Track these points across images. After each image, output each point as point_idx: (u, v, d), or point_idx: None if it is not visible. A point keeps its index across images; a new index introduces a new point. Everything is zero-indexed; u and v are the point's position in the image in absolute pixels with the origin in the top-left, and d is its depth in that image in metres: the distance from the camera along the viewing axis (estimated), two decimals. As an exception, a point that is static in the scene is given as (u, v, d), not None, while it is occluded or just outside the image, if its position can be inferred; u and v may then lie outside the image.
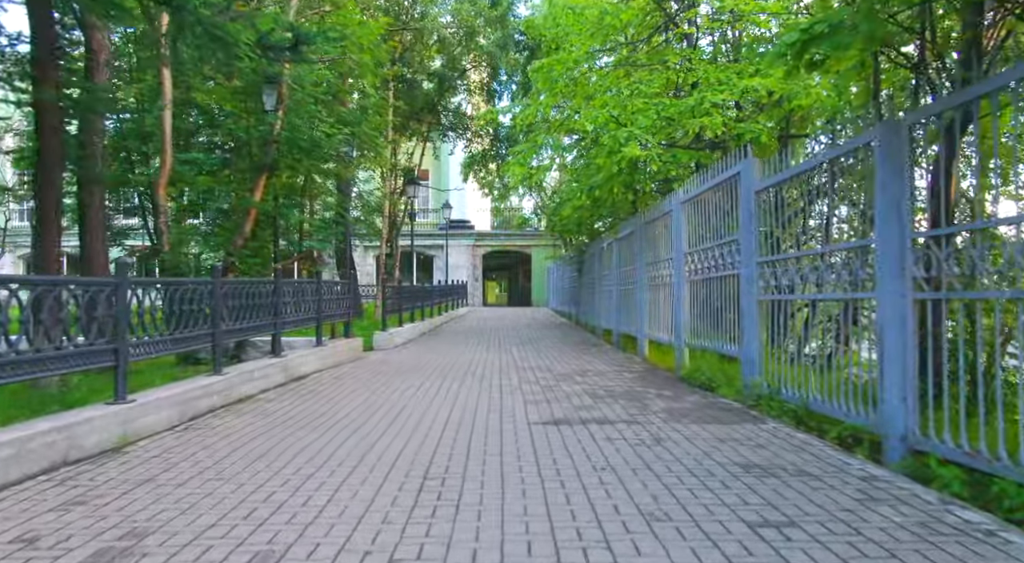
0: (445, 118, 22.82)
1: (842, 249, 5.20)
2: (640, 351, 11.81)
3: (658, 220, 10.62)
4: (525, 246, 38.64)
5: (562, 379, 8.70)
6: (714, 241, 8.07)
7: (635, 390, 7.72)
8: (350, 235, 14.39)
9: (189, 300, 6.19)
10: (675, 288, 9.52)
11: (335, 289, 10.66)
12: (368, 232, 22.62)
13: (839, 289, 5.10)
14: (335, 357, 9.94)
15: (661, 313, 10.54)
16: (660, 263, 10.56)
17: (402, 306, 15.31)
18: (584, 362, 10.90)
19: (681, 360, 9.21)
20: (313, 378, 8.57)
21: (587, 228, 17.58)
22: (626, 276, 13.32)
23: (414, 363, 10.63)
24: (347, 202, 20.42)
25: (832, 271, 5.24)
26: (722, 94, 9.93)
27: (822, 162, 5.26)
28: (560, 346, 13.99)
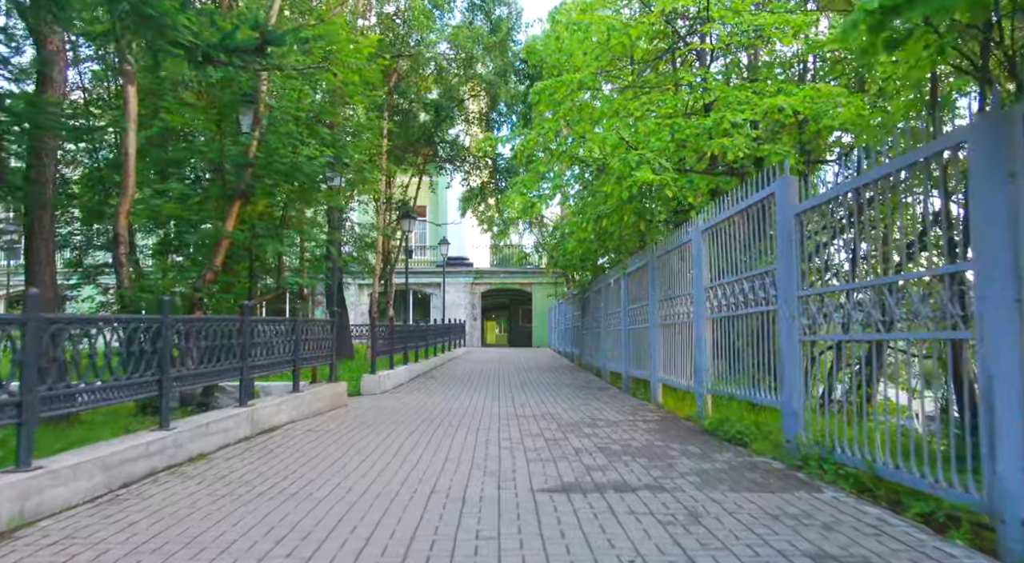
0: (442, 150, 22.15)
1: (924, 276, 4.29)
2: (653, 396, 10.84)
3: (673, 252, 9.75)
4: (526, 284, 37.76)
5: (569, 430, 7.72)
6: (741, 273, 7.18)
7: (654, 445, 6.75)
8: (337, 270, 13.50)
9: (128, 340, 5.26)
10: (694, 327, 8.61)
11: (317, 328, 9.74)
12: (361, 269, 21.78)
13: (919, 327, 4.18)
14: (314, 405, 8.97)
15: (678, 355, 9.61)
16: (676, 300, 9.66)
17: (394, 347, 14.36)
18: (592, 409, 9.92)
19: (703, 409, 8.25)
20: (284, 431, 7.59)
21: (592, 264, 16.71)
22: (636, 314, 12.41)
23: (403, 411, 9.65)
24: (336, 235, 19.63)
25: (904, 304, 4.33)
26: (743, 113, 9.14)
27: (900, 168, 4.37)
28: (564, 391, 13.00)
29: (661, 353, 10.69)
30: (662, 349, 10.64)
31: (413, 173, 22.09)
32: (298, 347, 8.81)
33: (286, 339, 8.53)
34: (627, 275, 13.21)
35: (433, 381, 15.12)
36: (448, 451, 6.41)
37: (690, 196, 9.42)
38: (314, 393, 9.08)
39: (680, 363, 9.52)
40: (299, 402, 8.47)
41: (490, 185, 23.32)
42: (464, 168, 22.88)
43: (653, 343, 10.90)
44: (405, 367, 15.12)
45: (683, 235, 9.19)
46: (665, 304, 10.35)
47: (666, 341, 10.33)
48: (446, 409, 9.95)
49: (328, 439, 7.07)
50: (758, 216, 6.80)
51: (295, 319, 8.72)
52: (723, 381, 7.78)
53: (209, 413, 6.65)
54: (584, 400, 11.31)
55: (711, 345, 8.28)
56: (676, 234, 9.74)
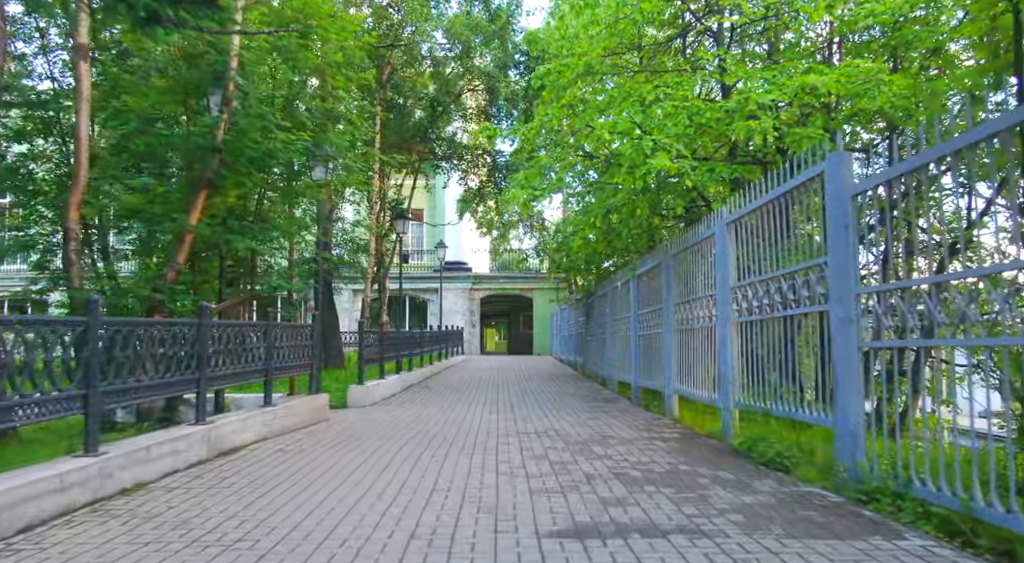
0: (438, 148, 21.22)
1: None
2: (668, 410, 9.90)
3: (692, 249, 8.82)
4: (526, 289, 36.80)
5: (578, 451, 6.78)
6: (777, 270, 6.26)
7: (680, 469, 5.80)
8: (323, 272, 12.58)
9: (44, 346, 4.33)
10: (718, 332, 7.67)
11: (294, 334, 8.80)
12: (353, 273, 20.86)
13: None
14: (289, 420, 8.03)
15: (697, 364, 8.67)
16: (695, 302, 8.73)
17: (385, 355, 13.42)
18: (601, 424, 8.98)
19: (730, 425, 7.30)
20: (249, 452, 6.63)
21: (596, 266, 15.78)
22: (647, 319, 11.47)
23: (390, 427, 8.71)
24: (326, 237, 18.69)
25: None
26: (770, 94, 8.23)
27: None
28: (569, 402, 12.05)
29: (677, 362, 9.76)
30: (678, 357, 9.71)
31: (407, 172, 21.17)
32: (271, 355, 7.87)
33: (256, 346, 7.59)
34: (637, 277, 12.28)
35: (428, 391, 14.17)
36: (437, 478, 5.46)
37: (711, 186, 8.50)
38: (289, 407, 8.14)
39: (700, 373, 8.58)
40: (270, 417, 7.53)
41: (489, 184, 22.39)
42: (461, 167, 21.94)
43: (668, 351, 9.96)
44: (397, 377, 14.18)
45: (704, 229, 8.26)
46: (682, 307, 9.42)
47: (683, 349, 9.40)
48: (439, 424, 9.00)
49: (298, 463, 6.12)
50: (801, 200, 5.89)
51: (267, 323, 7.79)
52: (754, 394, 6.83)
53: (153, 434, 5.71)
54: (591, 413, 10.36)
55: (738, 353, 7.35)
56: (695, 229, 8.82)
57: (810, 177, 5.57)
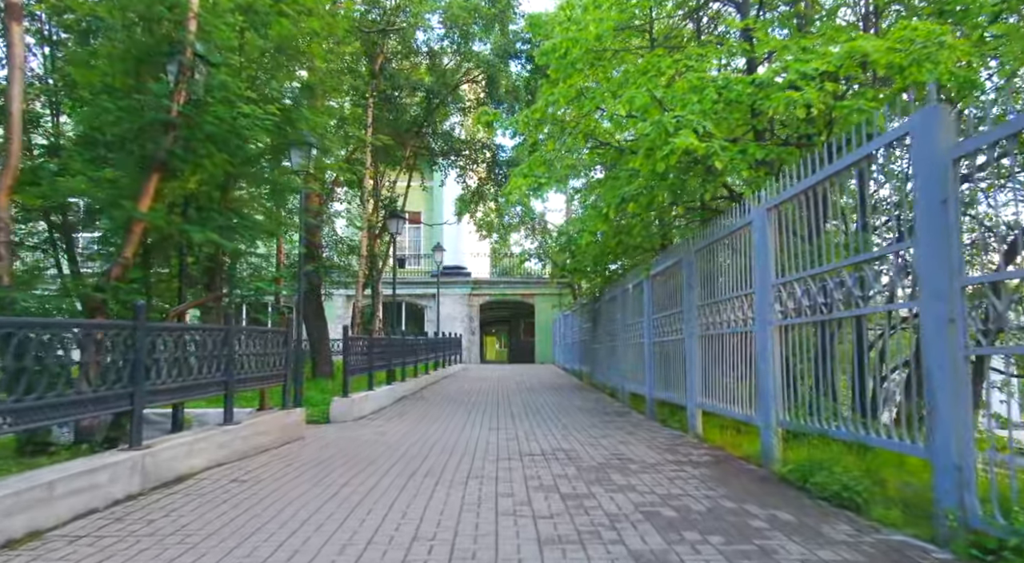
0: (434, 142, 20.16)
1: None
2: (691, 426, 8.83)
3: (721, 242, 7.76)
4: (527, 295, 35.67)
5: (594, 479, 5.70)
6: (836, 261, 5.19)
7: (723, 507, 4.72)
8: (304, 274, 11.53)
9: None
10: (757, 338, 6.60)
11: (264, 341, 7.73)
12: (344, 276, 19.79)
13: None
14: (253, 440, 6.96)
15: (727, 374, 7.60)
16: (725, 304, 7.66)
17: (374, 364, 12.34)
18: (616, 443, 7.90)
19: (772, 448, 6.22)
20: (195, 483, 5.55)
21: (604, 268, 14.70)
22: (664, 324, 10.40)
23: (374, 448, 7.63)
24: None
25: None
26: (811, 62, 7.18)
27: None
28: (577, 417, 10.96)
29: (701, 372, 8.70)
30: (702, 367, 8.65)
31: (401, 170, 20.06)
32: (233, 364, 6.80)
33: (214, 354, 6.52)
34: (652, 277, 11.23)
35: (422, 404, 13.09)
36: (420, 522, 4.38)
37: (743, 169, 7.43)
38: (254, 425, 7.06)
39: (731, 385, 7.51)
40: (228, 438, 6.45)
41: (489, 182, 21.30)
42: (459, 163, 20.84)
43: (690, 359, 8.90)
44: (387, 388, 13.10)
45: (737, 218, 7.20)
46: (707, 310, 8.36)
47: (708, 357, 8.34)
48: (431, 444, 7.92)
49: (250, 499, 5.03)
50: (869, 175, 4.84)
51: (227, 327, 6.72)
52: (804, 411, 5.75)
53: (65, 464, 4.62)
54: (603, 429, 9.28)
55: (780, 362, 6.29)
56: (724, 219, 7.76)
57: (888, 142, 4.51)
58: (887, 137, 4.49)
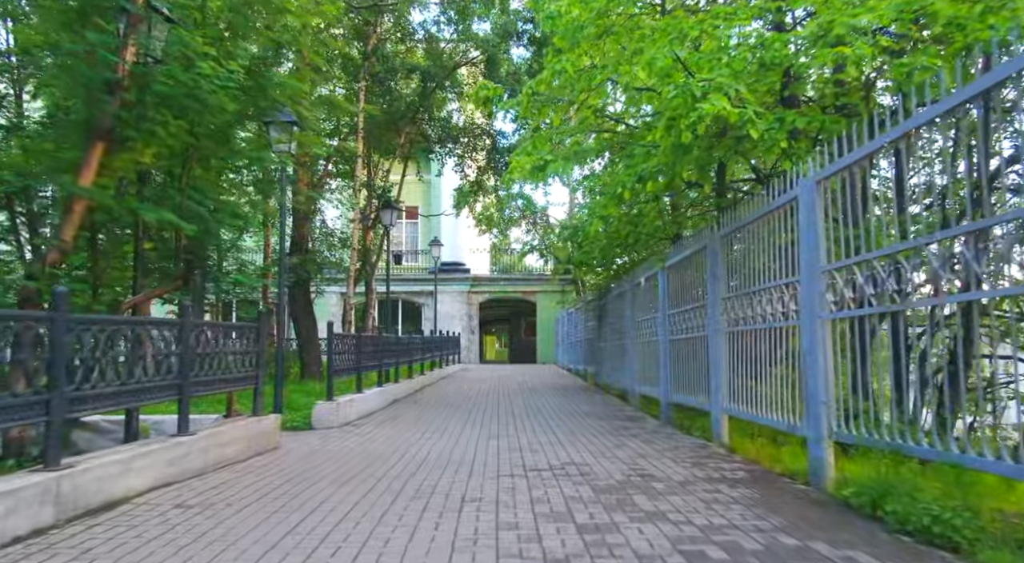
0: (431, 129, 19.18)
1: None
2: (716, 434, 7.90)
3: (755, 225, 6.82)
4: (529, 293, 34.68)
5: (615, 503, 4.76)
6: (919, 238, 4.25)
7: (784, 545, 3.78)
8: (284, 266, 10.61)
9: None
10: (803, 333, 5.67)
11: (231, 337, 6.80)
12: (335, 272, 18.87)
13: None
14: (213, 453, 6.02)
15: (763, 376, 6.67)
16: (759, 295, 6.73)
17: (362, 364, 11.40)
18: (634, 454, 6.97)
19: (824, 464, 5.28)
20: (130, 510, 4.61)
21: (612, 260, 13.75)
22: (683, 320, 9.47)
23: (356, 461, 6.70)
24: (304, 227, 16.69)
25: None
26: (860, 15, 6.24)
27: None
28: (585, 422, 10.03)
29: (728, 374, 7.78)
30: (730, 367, 7.73)
31: (396, 159, 19.05)
32: (188, 364, 5.86)
33: (164, 352, 5.58)
34: (667, 269, 10.30)
35: (415, 408, 12.16)
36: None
37: (781, 140, 6.48)
38: (215, 435, 6.12)
39: (767, 389, 6.57)
40: (180, 452, 5.51)
41: (489, 171, 20.32)
42: (457, 151, 19.84)
43: (715, 359, 7.96)
44: (378, 390, 12.16)
45: (775, 196, 6.25)
46: (736, 303, 7.42)
47: (738, 356, 7.41)
48: (422, 455, 6.99)
49: (190, 533, 4.08)
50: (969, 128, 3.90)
51: (182, 321, 5.78)
52: (869, 423, 4.81)
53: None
54: (616, 437, 8.35)
55: (832, 363, 5.36)
56: (758, 198, 6.81)
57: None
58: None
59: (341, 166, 19.05)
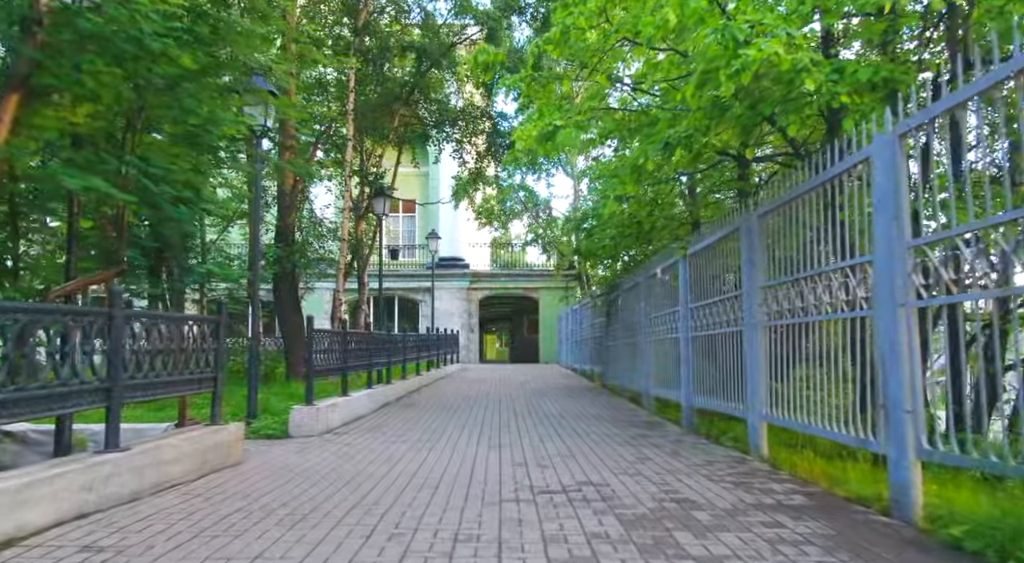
0: (426, 111, 18.09)
1: None
2: (753, 445, 6.84)
3: (805, 199, 5.76)
4: (531, 289, 33.59)
5: (651, 545, 3.70)
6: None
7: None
8: (258, 251, 9.57)
9: None
10: (878, 326, 4.61)
11: (179, 332, 5.73)
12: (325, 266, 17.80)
13: None
14: (153, 473, 4.97)
15: (819, 380, 5.61)
16: (812, 281, 5.66)
17: (348, 363, 10.34)
18: (662, 471, 5.90)
19: (910, 491, 4.22)
20: (14, 556, 3.55)
21: (626, 249, 12.69)
22: (710, 314, 8.42)
23: (329, 481, 5.64)
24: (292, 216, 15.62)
25: None
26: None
27: None
28: (598, 429, 8.97)
29: (767, 375, 6.72)
30: (770, 368, 6.67)
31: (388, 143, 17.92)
32: (120, 364, 4.80)
33: (86, 350, 4.52)
34: (690, 257, 9.24)
35: (408, 412, 11.10)
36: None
37: (842, 93, 5.41)
38: (155, 450, 5.06)
39: (823, 394, 5.51)
40: (103, 473, 4.44)
41: (488, 156, 19.22)
42: (455, 135, 18.70)
43: (752, 358, 6.91)
44: (367, 392, 11.09)
45: (836, 160, 5.18)
46: (780, 292, 6.37)
47: (781, 354, 6.36)
48: (410, 472, 5.93)
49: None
50: None
51: (111, 310, 4.72)
52: (990, 444, 3.75)
53: None
54: (636, 448, 7.30)
55: (919, 362, 4.30)
56: (811, 165, 5.74)
57: None
58: None
59: (333, 154, 18.02)
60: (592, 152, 26.40)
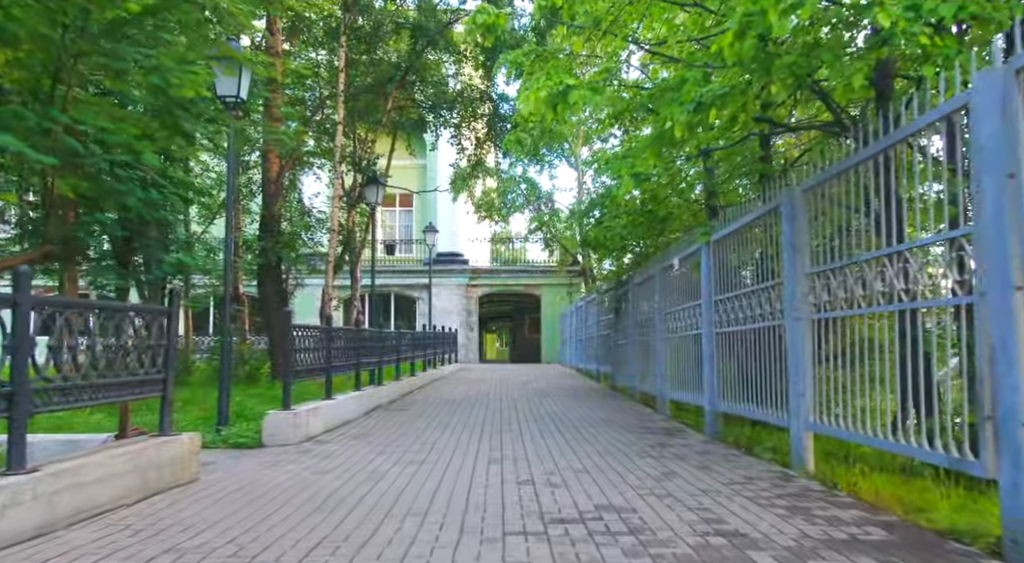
0: (423, 94, 17.10)
1: None
2: (796, 457, 5.91)
3: (867, 164, 4.80)
4: (532, 286, 32.60)
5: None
6: None
7: None
8: (230, 240, 8.64)
9: None
10: (992, 316, 3.66)
11: (115, 326, 4.78)
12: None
13: None
14: (72, 499, 4.05)
15: (885, 382, 4.66)
16: (879, 264, 4.71)
17: (333, 364, 9.39)
18: (694, 490, 4.96)
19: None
20: None
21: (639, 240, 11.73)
22: (740, 307, 7.49)
23: (296, 508, 4.69)
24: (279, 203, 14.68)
25: None
26: None
27: None
28: (612, 437, 8.02)
29: (813, 376, 5.80)
30: (819, 368, 5.74)
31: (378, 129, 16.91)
32: (22, 366, 3.85)
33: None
34: (714, 244, 8.31)
35: (400, 418, 10.15)
36: None
37: (921, 34, 4.45)
38: (73, 472, 4.11)
39: (893, 402, 4.56)
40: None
41: (488, 142, 18.25)
42: (453, 119, 17.69)
43: (795, 356, 5.97)
44: (354, 395, 10.14)
45: (922, 111, 4.22)
46: (833, 279, 5.42)
47: (830, 353, 5.43)
48: (395, 493, 4.99)
49: None
50: None
51: (13, 296, 3.79)
52: None
53: None
54: (659, 460, 6.36)
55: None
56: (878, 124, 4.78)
57: None
58: None
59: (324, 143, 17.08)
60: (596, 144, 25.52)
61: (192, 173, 14.51)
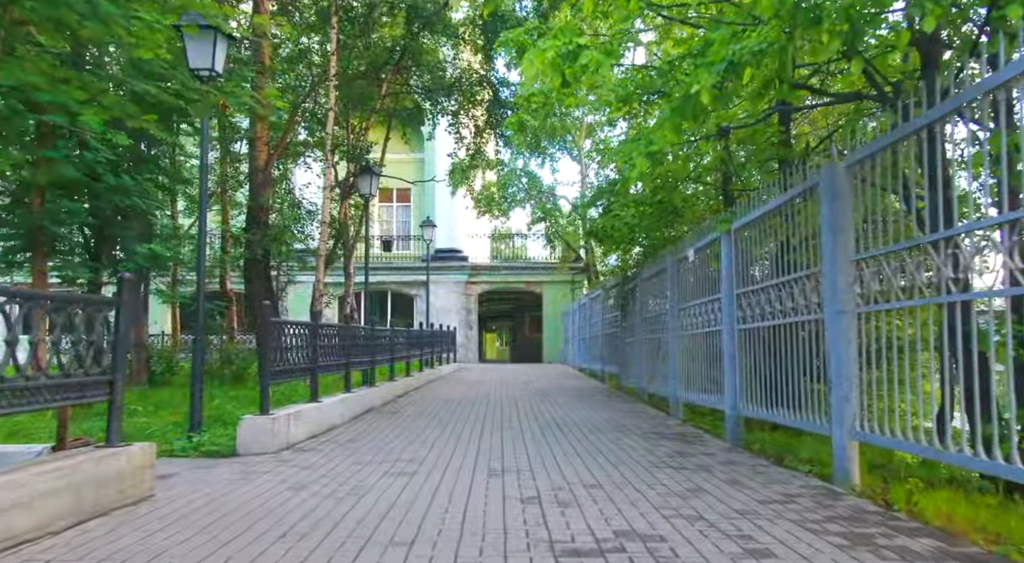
0: (419, 79, 16.38)
1: None
2: (840, 470, 5.21)
3: (943, 122, 4.10)
4: (533, 283, 31.85)
5: None
6: None
7: None
8: (203, 228, 7.95)
9: None
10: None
11: (49, 320, 4.09)
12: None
13: None
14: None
15: (952, 387, 3.97)
16: (950, 245, 4.01)
17: (318, 363, 8.68)
18: (727, 510, 4.26)
19: None
20: None
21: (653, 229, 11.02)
22: (767, 301, 6.80)
23: (261, 535, 3.99)
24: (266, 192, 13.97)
25: None
26: None
27: None
28: (624, 444, 7.31)
29: (858, 379, 5.11)
30: (866, 369, 5.06)
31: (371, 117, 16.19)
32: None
33: None
34: (735, 232, 7.62)
35: (392, 422, 9.44)
36: None
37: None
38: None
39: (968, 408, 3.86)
40: None
41: (488, 130, 17.52)
42: (451, 108, 16.96)
43: (837, 355, 5.27)
44: (341, 397, 9.43)
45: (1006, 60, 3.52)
46: (888, 265, 4.71)
47: (880, 352, 4.74)
48: (379, 515, 4.28)
49: None
50: None
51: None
52: None
53: None
54: (680, 471, 5.66)
55: None
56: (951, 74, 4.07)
57: None
58: None
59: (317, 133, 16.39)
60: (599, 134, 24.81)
61: (178, 163, 13.84)
